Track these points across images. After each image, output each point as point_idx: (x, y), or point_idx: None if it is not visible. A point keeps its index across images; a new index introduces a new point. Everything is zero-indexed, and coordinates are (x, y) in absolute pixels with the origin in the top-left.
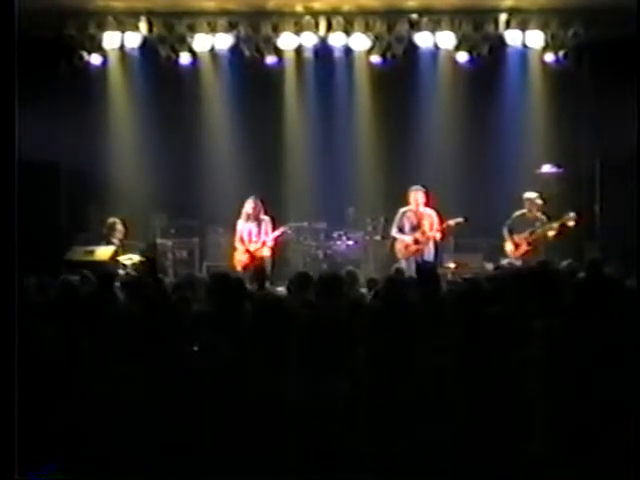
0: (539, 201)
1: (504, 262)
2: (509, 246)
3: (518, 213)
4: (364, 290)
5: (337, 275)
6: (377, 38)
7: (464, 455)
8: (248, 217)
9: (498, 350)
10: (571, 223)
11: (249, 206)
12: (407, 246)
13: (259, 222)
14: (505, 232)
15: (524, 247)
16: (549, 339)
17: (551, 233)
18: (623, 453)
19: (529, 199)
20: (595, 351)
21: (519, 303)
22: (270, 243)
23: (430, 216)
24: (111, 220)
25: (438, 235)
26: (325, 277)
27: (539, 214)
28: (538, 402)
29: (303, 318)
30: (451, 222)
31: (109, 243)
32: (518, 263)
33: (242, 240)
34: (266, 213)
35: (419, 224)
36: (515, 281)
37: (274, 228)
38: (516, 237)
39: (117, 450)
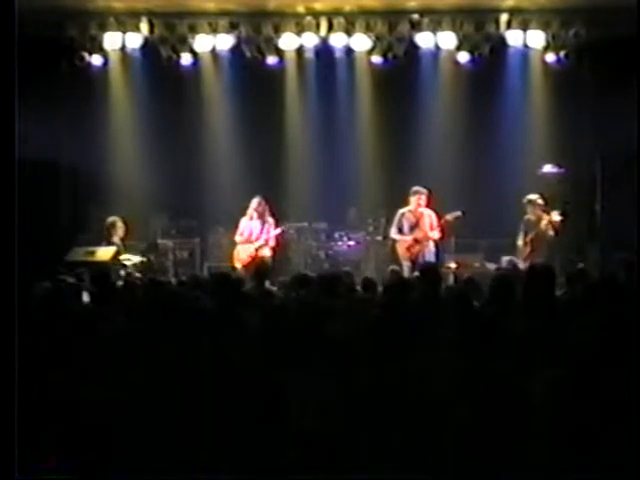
0: (541, 202)
1: (504, 260)
2: (521, 248)
3: (526, 217)
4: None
5: (336, 275)
6: (378, 38)
7: (462, 455)
8: (252, 216)
9: (499, 350)
10: (556, 218)
11: (254, 205)
12: (409, 247)
13: (263, 222)
14: (521, 237)
15: (528, 249)
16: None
17: (550, 232)
18: (625, 454)
19: (530, 201)
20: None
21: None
22: (272, 242)
23: (429, 216)
24: (111, 219)
25: (437, 234)
26: (324, 277)
27: (542, 214)
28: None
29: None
30: (449, 217)
31: (109, 243)
32: (520, 262)
33: (242, 236)
34: (272, 214)
35: (417, 223)
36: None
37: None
38: (526, 239)
39: (117, 451)
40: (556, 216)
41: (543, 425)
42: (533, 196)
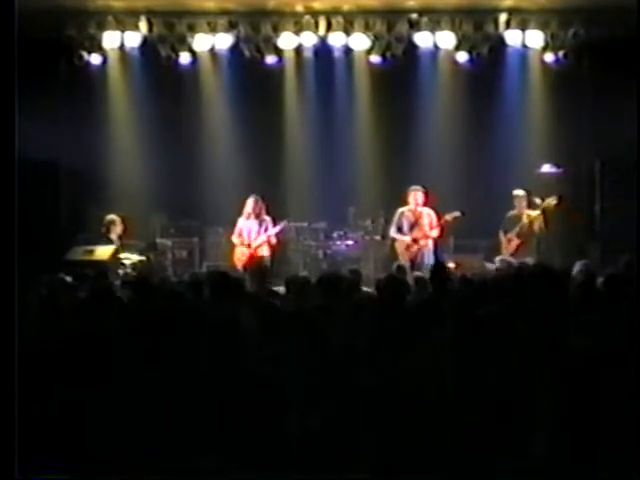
0: (528, 197)
1: (497, 260)
2: (504, 245)
3: (510, 214)
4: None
5: (338, 275)
6: (377, 38)
7: (460, 455)
8: (249, 215)
9: (497, 351)
10: (553, 202)
11: (250, 205)
12: (408, 247)
13: (260, 221)
14: (501, 234)
15: (515, 242)
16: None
17: (537, 223)
18: (623, 453)
19: (517, 196)
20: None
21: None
22: (273, 240)
23: (429, 215)
24: (109, 217)
25: (436, 232)
26: (326, 277)
27: (527, 210)
28: (537, 403)
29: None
30: (448, 217)
31: (108, 241)
32: (513, 261)
33: (240, 237)
34: (267, 213)
35: (417, 222)
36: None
37: (274, 227)
38: (509, 235)
39: (117, 450)
40: (552, 202)
41: (543, 426)
42: (520, 192)
